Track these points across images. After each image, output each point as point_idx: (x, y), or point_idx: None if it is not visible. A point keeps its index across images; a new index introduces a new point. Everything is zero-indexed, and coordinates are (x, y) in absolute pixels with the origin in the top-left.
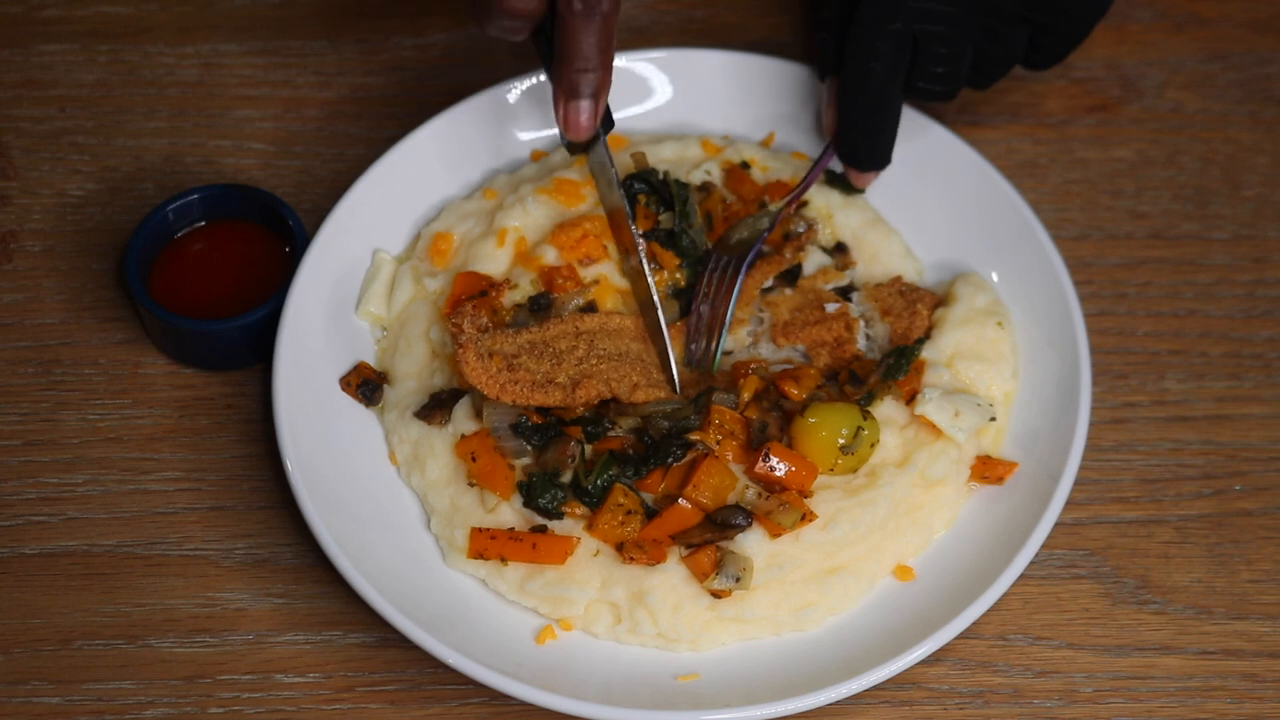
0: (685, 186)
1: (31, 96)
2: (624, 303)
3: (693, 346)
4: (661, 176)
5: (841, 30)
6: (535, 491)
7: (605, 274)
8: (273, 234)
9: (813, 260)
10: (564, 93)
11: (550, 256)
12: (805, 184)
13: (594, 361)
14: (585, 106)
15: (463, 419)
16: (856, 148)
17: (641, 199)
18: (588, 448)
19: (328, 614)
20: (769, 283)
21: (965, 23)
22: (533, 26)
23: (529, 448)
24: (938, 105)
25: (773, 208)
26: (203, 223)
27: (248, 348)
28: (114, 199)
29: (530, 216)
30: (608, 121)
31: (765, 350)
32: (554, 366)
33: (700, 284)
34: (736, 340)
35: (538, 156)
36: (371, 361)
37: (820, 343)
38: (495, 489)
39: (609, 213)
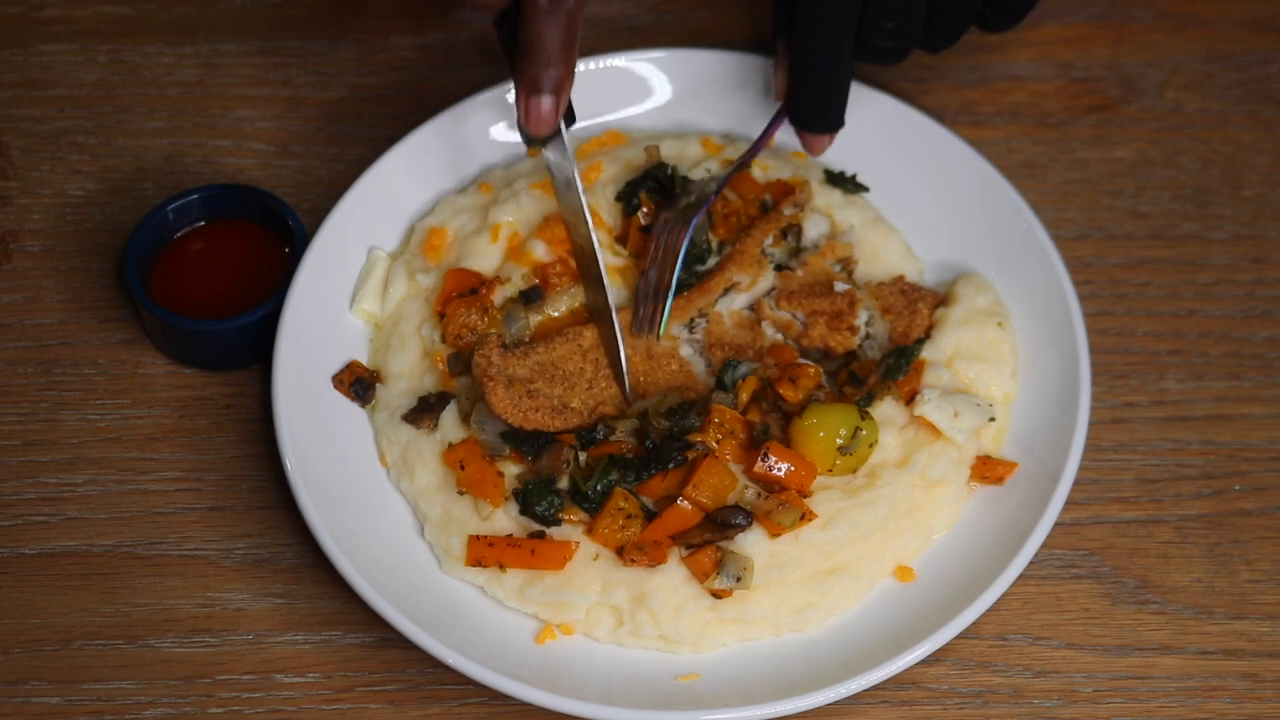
0: (692, 183)
1: (31, 96)
2: (623, 281)
3: (640, 312)
4: (670, 172)
5: None
6: (531, 499)
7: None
8: (273, 234)
9: (814, 225)
10: (525, 87)
11: (540, 251)
12: (753, 150)
13: (603, 385)
14: (546, 101)
15: (451, 426)
16: (809, 109)
17: (644, 197)
18: (582, 454)
19: (327, 614)
20: (779, 257)
21: None
22: (495, 16)
23: (522, 455)
24: (938, 104)
25: (719, 173)
26: (202, 223)
27: (247, 347)
28: (114, 199)
29: (523, 211)
30: (569, 116)
31: (768, 309)
32: (567, 390)
33: (648, 249)
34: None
35: (534, 153)
36: (365, 360)
37: (819, 312)
38: (486, 497)
39: (564, 212)
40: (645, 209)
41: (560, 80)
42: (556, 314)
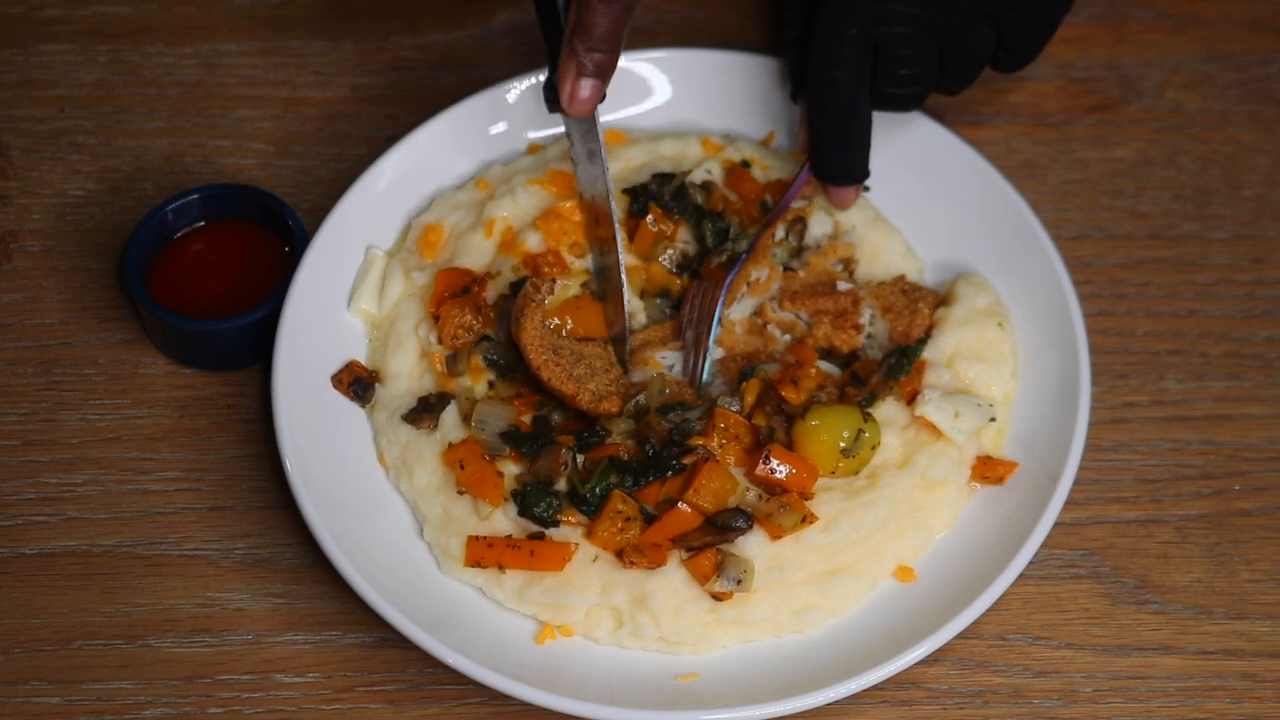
0: (725, 241)
1: (31, 96)
2: (631, 281)
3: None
4: (681, 189)
5: (806, 47)
6: (530, 500)
7: None
8: (273, 234)
9: (818, 224)
10: (574, 67)
11: (533, 242)
12: (783, 205)
13: (620, 386)
14: (587, 85)
15: (451, 426)
16: (830, 162)
17: (653, 207)
18: (580, 456)
19: (327, 614)
20: (781, 257)
21: (926, 23)
22: None
23: (521, 455)
24: (938, 104)
25: (751, 230)
26: (202, 223)
27: (247, 347)
28: (114, 199)
29: (520, 207)
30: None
31: (770, 311)
32: (588, 373)
33: (684, 309)
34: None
35: (534, 149)
36: (364, 360)
37: (823, 311)
38: (485, 497)
39: (581, 182)
40: (654, 216)
41: (606, 66)
42: (545, 303)
